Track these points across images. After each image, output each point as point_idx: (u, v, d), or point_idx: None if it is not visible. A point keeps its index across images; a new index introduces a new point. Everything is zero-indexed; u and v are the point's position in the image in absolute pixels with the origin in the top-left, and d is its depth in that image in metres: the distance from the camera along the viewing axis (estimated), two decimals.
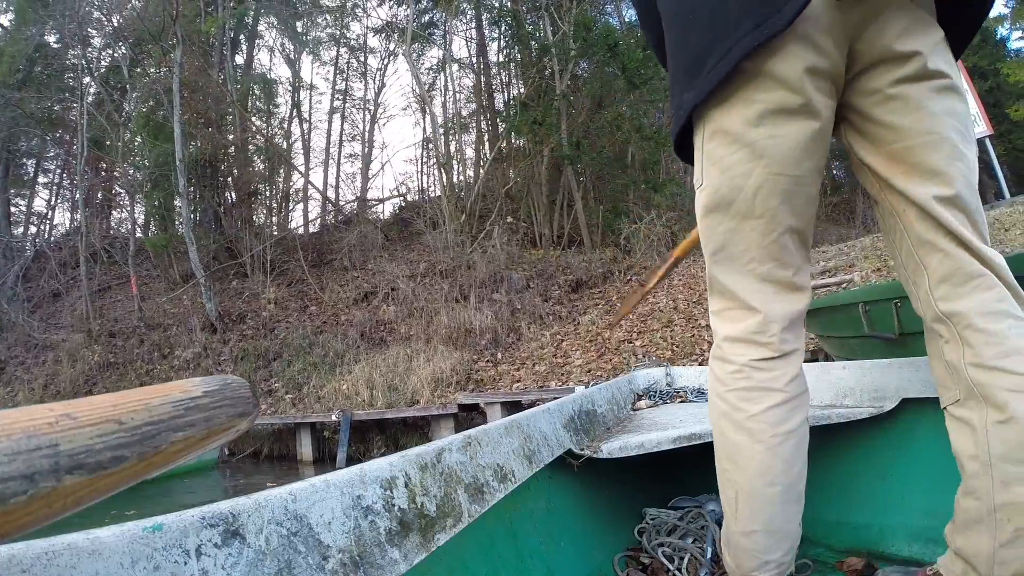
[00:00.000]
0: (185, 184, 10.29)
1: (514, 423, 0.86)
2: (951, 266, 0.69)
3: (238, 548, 0.38)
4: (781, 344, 0.74)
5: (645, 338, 6.41)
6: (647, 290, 1.79)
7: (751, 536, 0.74)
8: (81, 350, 9.60)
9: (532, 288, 8.45)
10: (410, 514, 0.55)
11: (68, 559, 0.30)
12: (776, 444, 0.72)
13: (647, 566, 0.99)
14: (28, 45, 13.35)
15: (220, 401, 0.36)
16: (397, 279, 9.27)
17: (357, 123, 16.25)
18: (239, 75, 13.87)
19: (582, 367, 6.17)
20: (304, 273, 10.60)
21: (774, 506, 0.73)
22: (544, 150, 10.13)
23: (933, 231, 0.70)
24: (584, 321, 7.32)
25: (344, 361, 7.95)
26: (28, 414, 0.26)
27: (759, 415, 0.73)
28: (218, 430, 0.36)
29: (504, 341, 7.35)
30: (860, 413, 1.09)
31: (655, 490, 1.26)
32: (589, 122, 10.50)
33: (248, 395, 0.38)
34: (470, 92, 13.86)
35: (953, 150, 0.69)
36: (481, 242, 9.38)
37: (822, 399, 1.28)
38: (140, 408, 0.31)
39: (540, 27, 11.21)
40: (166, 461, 0.32)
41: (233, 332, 9.60)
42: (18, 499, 0.23)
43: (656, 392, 1.78)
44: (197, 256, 9.78)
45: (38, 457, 0.25)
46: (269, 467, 6.64)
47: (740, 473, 0.74)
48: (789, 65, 0.68)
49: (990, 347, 0.65)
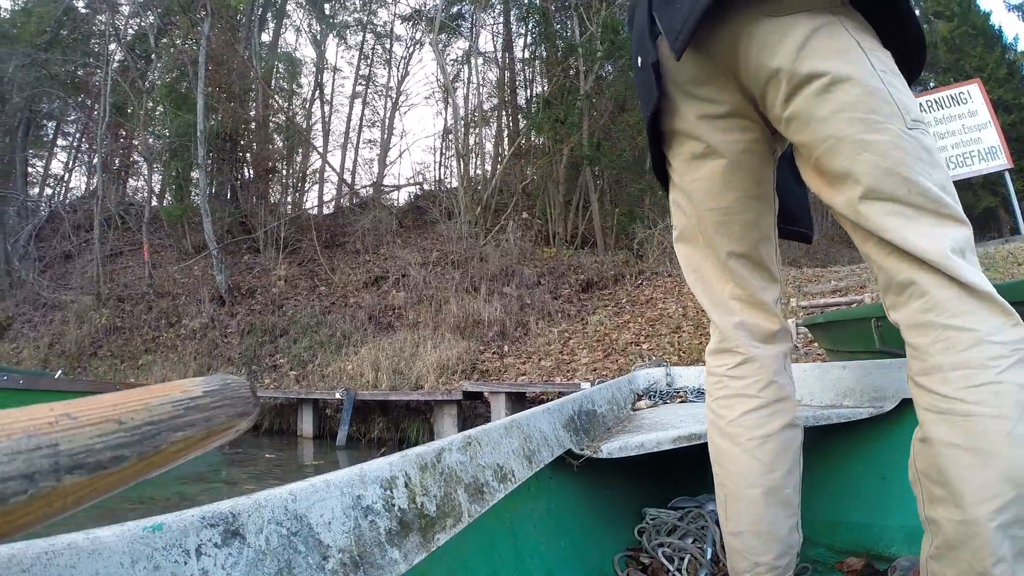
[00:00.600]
0: (204, 156, 10.38)
1: (514, 423, 0.86)
2: (885, 278, 0.66)
3: (238, 548, 0.38)
4: (749, 349, 0.81)
5: (653, 342, 6.54)
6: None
7: (739, 537, 0.79)
8: (89, 312, 9.70)
9: (543, 285, 8.57)
10: (410, 514, 0.55)
11: (68, 559, 0.30)
12: (754, 447, 0.78)
13: (647, 566, 1.00)
14: (57, 7, 13.38)
15: (220, 401, 0.36)
16: (409, 265, 9.33)
17: (378, 109, 16.30)
18: (264, 52, 13.87)
19: (588, 365, 6.25)
20: (316, 253, 10.64)
21: (758, 508, 0.77)
22: (564, 149, 10.24)
23: (864, 241, 0.67)
24: (592, 321, 7.43)
25: (351, 342, 8.00)
26: (28, 414, 0.26)
27: (736, 420, 0.80)
28: (218, 430, 0.36)
29: (511, 334, 7.44)
30: (860, 413, 1.08)
31: (655, 490, 1.27)
32: (611, 124, 10.66)
33: (248, 395, 0.38)
34: (493, 86, 13.87)
35: (853, 145, 0.64)
36: (495, 236, 9.46)
37: (822, 400, 1.27)
38: (140, 408, 0.31)
39: (568, 26, 11.17)
40: (166, 461, 0.32)
41: (241, 306, 9.68)
42: (18, 499, 0.23)
43: (656, 392, 1.78)
44: (211, 228, 9.84)
45: (38, 457, 0.25)
46: (268, 440, 6.56)
47: (726, 476, 0.81)
48: (683, 120, 0.80)
49: (915, 362, 0.63)
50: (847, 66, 0.64)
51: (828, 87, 0.64)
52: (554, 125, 9.88)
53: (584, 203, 10.68)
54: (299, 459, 5.68)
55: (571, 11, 10.84)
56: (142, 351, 8.97)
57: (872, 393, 1.15)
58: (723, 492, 0.81)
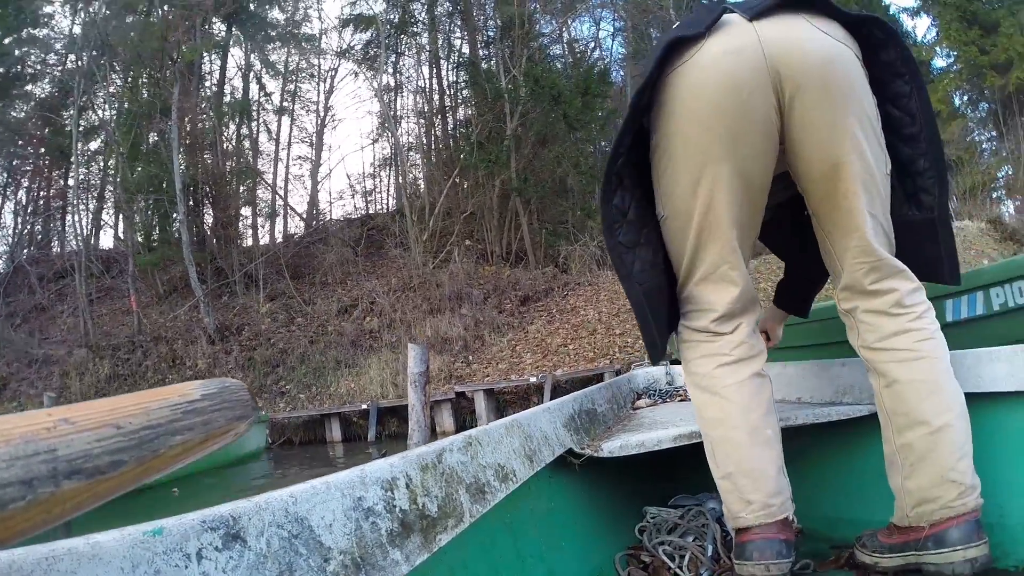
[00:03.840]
0: (185, 212, 11.24)
1: (515, 423, 0.86)
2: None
3: (239, 551, 0.38)
4: (730, 318, 0.91)
5: (577, 343, 8.80)
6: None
7: (729, 478, 0.86)
8: (88, 363, 10.19)
9: (489, 302, 10.50)
10: (411, 515, 0.54)
11: (69, 564, 0.30)
12: (731, 393, 0.87)
13: (648, 564, 0.99)
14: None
15: (218, 404, 0.36)
16: (375, 293, 10.95)
17: (306, 125, 16.86)
18: (210, 98, 14.62)
19: (531, 365, 8.56)
20: (286, 287, 11.85)
21: (741, 448, 0.86)
22: (496, 182, 12.36)
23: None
24: (531, 329, 9.57)
25: (342, 365, 9.66)
26: (26, 419, 0.26)
27: (710, 373, 0.90)
28: (216, 433, 0.36)
29: (472, 346, 9.38)
30: (860, 410, 1.09)
31: (656, 489, 1.26)
32: (534, 156, 12.86)
33: (246, 398, 0.38)
34: (422, 114, 15.45)
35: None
36: (443, 262, 11.37)
37: (822, 396, 1.28)
38: (138, 412, 0.31)
39: (493, 68, 13.12)
40: (165, 465, 0.32)
41: (233, 343, 10.70)
42: (17, 505, 0.23)
43: (656, 391, 1.78)
44: (196, 277, 10.81)
45: (36, 462, 0.24)
46: (303, 450, 8.41)
47: (709, 425, 0.90)
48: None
49: (870, 333, 0.87)
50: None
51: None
52: (487, 165, 11.93)
53: (515, 224, 12.69)
54: (332, 455, 7.66)
55: (496, 60, 13.09)
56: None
57: (872, 390, 1.16)
58: (709, 443, 0.90)
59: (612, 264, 1.06)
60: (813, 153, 0.82)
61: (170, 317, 11.41)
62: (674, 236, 0.91)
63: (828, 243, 0.90)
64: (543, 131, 12.65)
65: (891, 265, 0.86)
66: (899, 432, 0.83)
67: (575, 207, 12.62)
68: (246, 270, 12.18)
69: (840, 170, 0.81)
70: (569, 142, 12.90)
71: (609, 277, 10.43)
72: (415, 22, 14.39)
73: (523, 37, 12.73)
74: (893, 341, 0.84)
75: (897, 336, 0.84)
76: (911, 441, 0.81)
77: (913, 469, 0.81)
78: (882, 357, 0.86)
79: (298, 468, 6.66)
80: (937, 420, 0.79)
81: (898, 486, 0.83)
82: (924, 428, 0.80)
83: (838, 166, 0.81)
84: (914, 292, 0.87)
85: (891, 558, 0.84)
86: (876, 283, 0.86)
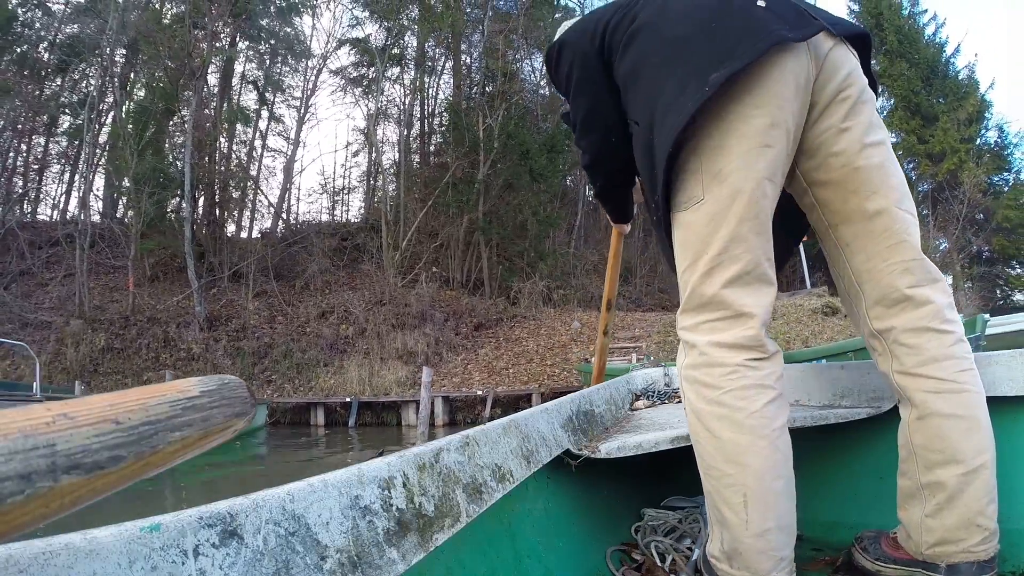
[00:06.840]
0: (191, 210, 12.25)
1: (512, 423, 0.86)
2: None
3: (236, 548, 0.38)
4: (768, 342, 0.79)
5: (517, 368, 11.09)
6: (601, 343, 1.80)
7: (765, 536, 0.73)
8: (83, 333, 10.75)
9: (448, 324, 12.32)
10: (408, 514, 0.55)
11: (65, 559, 0.30)
12: (776, 438, 0.75)
13: (640, 564, 0.99)
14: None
15: (217, 401, 0.36)
16: (350, 304, 12.31)
17: (285, 120, 17.84)
18: (214, 103, 15.51)
19: (479, 382, 10.83)
20: (271, 288, 12.93)
21: (783, 501, 0.75)
22: (464, 219, 14.37)
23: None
24: (481, 353, 11.77)
25: (321, 363, 11.22)
26: (25, 414, 0.26)
27: (759, 411, 0.74)
28: (215, 430, 0.36)
29: (432, 360, 11.12)
30: (858, 414, 1.08)
31: (653, 490, 1.26)
32: (499, 200, 14.89)
33: (245, 394, 0.38)
34: (402, 139, 16.78)
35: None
36: (411, 282, 13.04)
37: (820, 399, 1.28)
38: (137, 408, 0.31)
39: (473, 120, 14.60)
40: (164, 461, 0.32)
41: (222, 332, 11.68)
42: (15, 499, 0.23)
43: (654, 392, 1.78)
44: (194, 270, 11.63)
45: (35, 457, 0.24)
46: (291, 429, 10.04)
47: (746, 473, 0.74)
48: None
49: (911, 357, 0.79)
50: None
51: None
52: (458, 206, 14.10)
53: (476, 256, 14.65)
54: (316, 436, 9.40)
55: (476, 111, 14.85)
56: (143, 369, 10.68)
57: (870, 393, 1.15)
58: (740, 494, 0.74)
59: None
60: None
61: (162, 302, 12.25)
62: (702, 224, 0.77)
63: (847, 254, 0.82)
64: (509, 177, 14.71)
65: (928, 269, 0.80)
66: (928, 468, 0.77)
67: (530, 248, 14.98)
68: (236, 269, 13.19)
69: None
70: (531, 192, 14.97)
71: (551, 314, 12.93)
72: (403, 59, 16.25)
73: (503, 93, 14.64)
74: (934, 369, 0.77)
75: (939, 363, 0.77)
76: (943, 480, 0.75)
77: (939, 508, 0.76)
78: (920, 385, 0.78)
79: (291, 443, 8.48)
80: (974, 461, 0.74)
81: (915, 521, 0.79)
82: (959, 468, 0.75)
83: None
84: (951, 308, 0.80)
85: (896, 569, 0.82)
86: (913, 287, 0.79)
